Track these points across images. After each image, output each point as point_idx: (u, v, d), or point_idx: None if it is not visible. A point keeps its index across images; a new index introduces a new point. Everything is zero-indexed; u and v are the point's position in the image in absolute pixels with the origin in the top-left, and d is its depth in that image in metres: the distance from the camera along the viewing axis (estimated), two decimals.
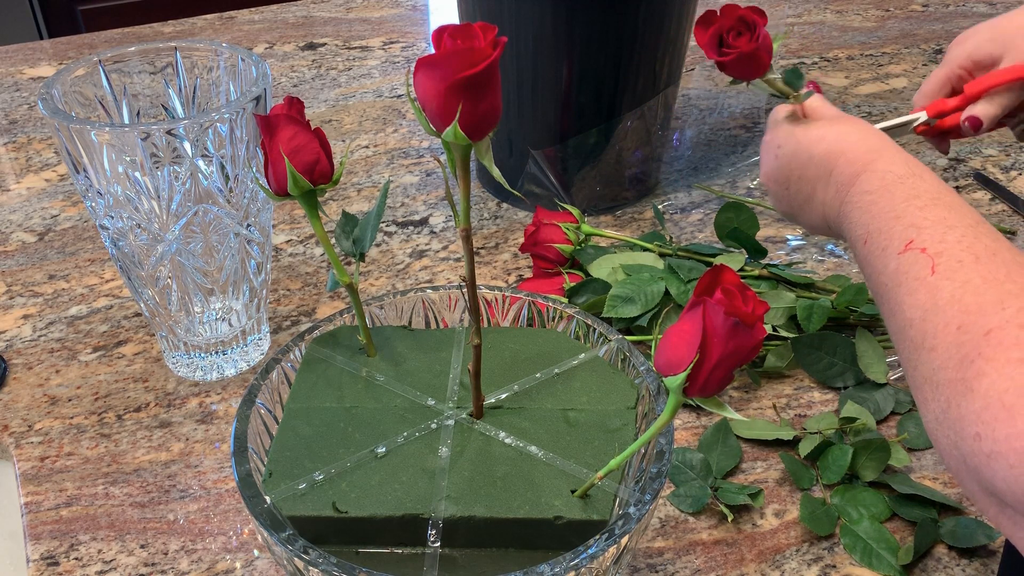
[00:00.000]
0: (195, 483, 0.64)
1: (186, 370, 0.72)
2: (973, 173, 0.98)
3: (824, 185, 0.57)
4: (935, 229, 0.46)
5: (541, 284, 0.79)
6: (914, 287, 0.44)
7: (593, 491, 0.46)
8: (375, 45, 1.30)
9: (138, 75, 0.67)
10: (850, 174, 0.55)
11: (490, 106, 0.42)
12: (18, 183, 0.99)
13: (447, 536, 0.45)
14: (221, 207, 0.63)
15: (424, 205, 0.95)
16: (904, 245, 0.47)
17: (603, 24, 0.82)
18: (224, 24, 1.37)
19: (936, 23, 1.36)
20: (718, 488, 0.62)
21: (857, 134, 0.57)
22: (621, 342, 0.54)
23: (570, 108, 0.87)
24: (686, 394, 0.42)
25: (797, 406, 0.70)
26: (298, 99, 0.49)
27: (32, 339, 0.77)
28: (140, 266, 0.65)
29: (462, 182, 0.44)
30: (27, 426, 0.69)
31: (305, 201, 0.51)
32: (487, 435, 0.50)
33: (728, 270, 0.41)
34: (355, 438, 0.50)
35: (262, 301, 0.72)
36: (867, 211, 0.52)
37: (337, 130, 1.09)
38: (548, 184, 0.90)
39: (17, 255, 0.88)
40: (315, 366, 0.54)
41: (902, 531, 0.60)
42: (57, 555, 0.59)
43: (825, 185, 0.57)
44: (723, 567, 0.58)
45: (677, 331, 0.42)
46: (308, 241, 0.89)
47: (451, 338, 0.57)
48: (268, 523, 0.43)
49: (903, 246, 0.47)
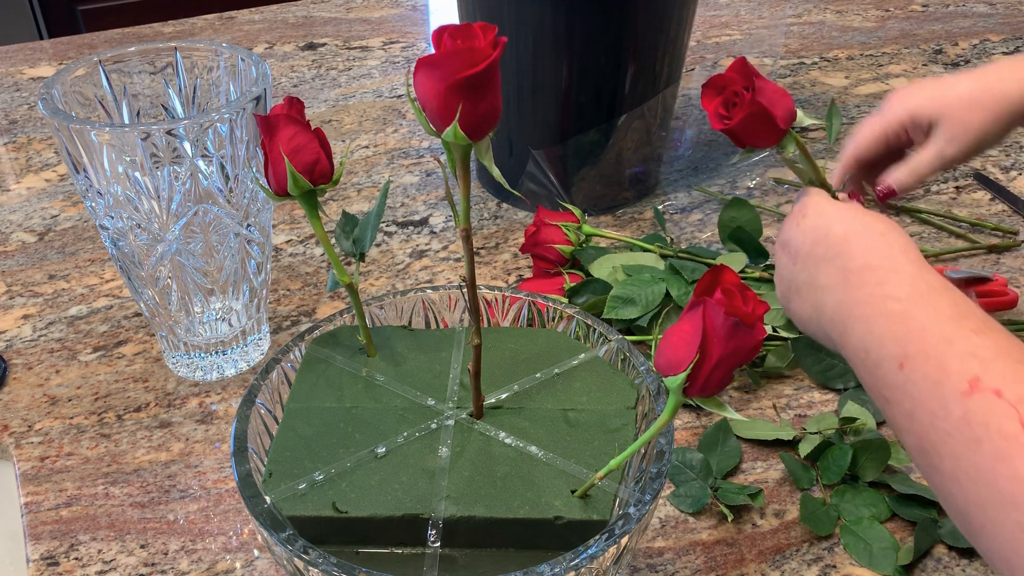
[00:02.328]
0: (195, 483, 0.64)
1: (186, 370, 0.72)
2: (973, 173, 0.98)
3: (829, 268, 0.48)
4: (1003, 365, 0.38)
5: (541, 284, 0.79)
6: (1003, 450, 0.35)
7: (593, 491, 0.46)
8: (375, 45, 1.30)
9: (138, 75, 0.67)
10: (864, 265, 0.46)
11: (490, 106, 0.42)
12: (18, 183, 0.99)
13: (447, 536, 0.45)
14: (221, 207, 0.63)
15: (424, 205, 0.95)
16: (969, 384, 0.38)
17: (603, 24, 0.82)
18: (224, 24, 1.37)
19: (936, 23, 1.36)
20: (718, 488, 0.62)
21: (884, 224, 0.48)
22: (621, 342, 0.54)
23: (570, 108, 0.87)
24: (686, 394, 0.42)
25: (797, 406, 0.70)
26: (298, 99, 0.49)
27: (32, 339, 0.77)
28: (140, 266, 0.65)
29: (462, 182, 0.44)
30: (27, 426, 0.69)
31: (305, 201, 0.51)
32: (487, 435, 0.50)
33: (728, 270, 0.41)
34: (355, 438, 0.50)
35: (262, 301, 0.72)
36: (900, 324, 0.42)
37: (337, 130, 1.09)
38: (548, 184, 0.90)
39: (17, 255, 0.88)
40: (315, 366, 0.54)
41: (902, 531, 0.60)
42: (57, 555, 0.59)
43: (830, 268, 0.48)
44: (723, 567, 0.58)
45: (677, 331, 0.42)
46: (308, 241, 0.89)
47: (451, 338, 0.57)
48: (268, 523, 0.43)
49: (967, 384, 0.38)
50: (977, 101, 0.61)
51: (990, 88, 0.61)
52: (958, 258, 0.86)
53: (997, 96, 0.61)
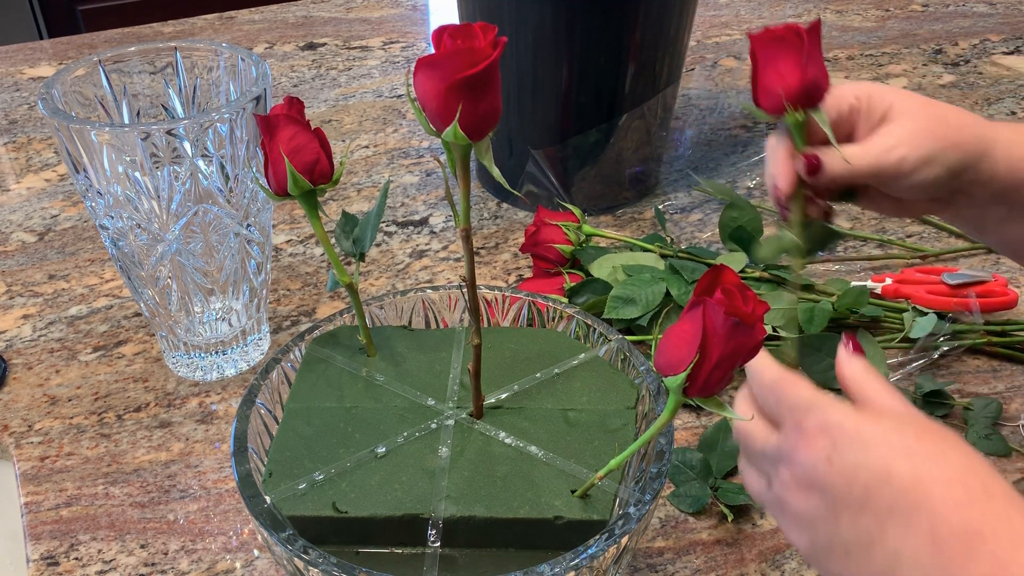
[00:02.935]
0: (195, 483, 0.64)
1: (186, 370, 0.72)
2: None
3: (902, 531, 0.36)
4: None
5: (541, 284, 0.79)
6: None
7: (593, 491, 0.46)
8: (375, 45, 1.30)
9: (138, 75, 0.67)
10: (963, 529, 0.34)
11: (490, 106, 0.42)
12: (18, 183, 0.99)
13: (447, 536, 0.45)
14: (221, 207, 0.63)
15: (424, 205, 0.95)
16: None
17: (603, 24, 0.82)
18: (224, 24, 1.37)
19: (936, 23, 1.36)
20: (718, 488, 0.62)
21: (960, 452, 0.37)
22: (621, 342, 0.54)
23: (570, 108, 0.87)
24: (686, 394, 0.42)
25: None
26: (298, 99, 0.49)
27: (32, 339, 0.77)
28: (140, 266, 0.65)
29: (462, 182, 0.44)
30: (27, 426, 0.69)
31: (305, 201, 0.51)
32: (487, 435, 0.50)
33: (728, 270, 0.41)
34: (355, 438, 0.50)
35: (262, 301, 0.72)
36: None
37: (337, 130, 1.09)
38: (548, 184, 0.90)
39: (17, 255, 0.88)
40: (315, 366, 0.54)
41: None
42: (57, 555, 0.59)
43: (905, 531, 0.36)
44: (723, 567, 0.58)
45: (677, 331, 0.42)
46: (308, 241, 0.89)
47: (451, 338, 0.57)
48: (268, 523, 0.43)
49: None
50: (943, 119, 0.52)
51: (948, 116, 0.52)
52: (958, 258, 0.86)
53: (955, 127, 0.52)
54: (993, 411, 0.67)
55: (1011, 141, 0.51)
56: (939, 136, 0.51)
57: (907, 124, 0.51)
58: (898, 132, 0.51)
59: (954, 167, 0.51)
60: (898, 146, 0.51)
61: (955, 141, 0.51)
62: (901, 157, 0.51)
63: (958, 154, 0.51)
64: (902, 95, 0.52)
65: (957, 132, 0.51)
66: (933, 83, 1.18)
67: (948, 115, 0.52)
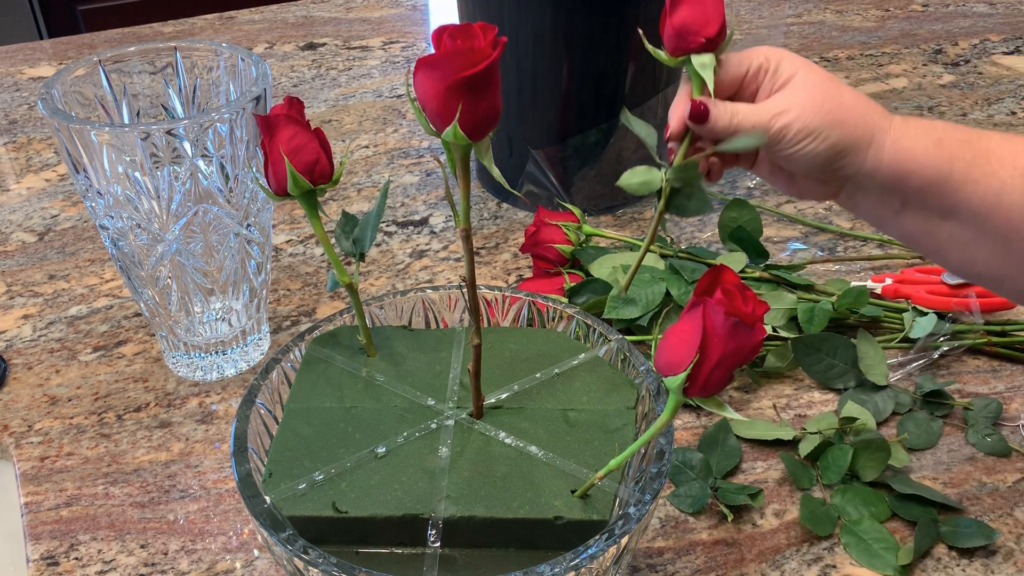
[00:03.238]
0: (195, 483, 0.64)
1: (186, 370, 0.72)
2: None
3: None
4: None
5: (541, 284, 0.79)
6: None
7: (593, 491, 0.46)
8: (375, 45, 1.30)
9: (138, 75, 0.67)
10: None
11: (490, 106, 0.42)
12: (18, 183, 0.99)
13: (447, 536, 0.45)
14: (221, 207, 0.63)
15: (424, 205, 0.95)
16: None
17: (603, 24, 0.82)
18: (224, 24, 1.37)
19: (936, 23, 1.36)
20: (718, 488, 0.62)
21: None
22: (621, 342, 0.54)
23: (570, 108, 0.87)
24: (686, 394, 0.42)
25: (797, 406, 0.70)
26: (298, 99, 0.49)
27: (32, 339, 0.77)
28: (140, 266, 0.65)
29: (462, 182, 0.44)
30: (27, 426, 0.69)
31: (305, 201, 0.51)
32: (487, 435, 0.50)
33: (728, 270, 0.41)
34: (355, 438, 0.50)
35: (262, 301, 0.72)
36: None
37: (337, 130, 1.09)
38: (548, 184, 0.90)
39: (17, 255, 0.88)
40: (315, 366, 0.54)
41: (902, 531, 0.60)
42: (57, 555, 0.59)
43: None
44: (723, 567, 0.58)
45: (677, 331, 0.42)
46: (308, 241, 0.89)
47: (451, 338, 0.57)
48: (268, 523, 0.43)
49: None
50: (838, 97, 0.51)
51: (844, 96, 0.52)
52: None
53: (848, 107, 0.51)
54: (993, 411, 0.67)
55: (902, 132, 0.51)
56: (827, 112, 0.50)
57: (801, 95, 0.51)
58: (789, 99, 0.51)
59: (837, 146, 0.51)
60: (785, 112, 0.51)
61: (842, 120, 0.51)
62: (785, 124, 0.51)
63: (842, 134, 0.51)
64: (809, 68, 0.52)
65: (847, 112, 0.51)
66: (933, 83, 1.18)
67: (844, 95, 0.51)
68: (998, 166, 0.48)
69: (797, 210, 0.93)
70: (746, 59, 0.53)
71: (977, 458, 0.65)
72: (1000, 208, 0.48)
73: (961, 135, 0.50)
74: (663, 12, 0.52)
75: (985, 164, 0.49)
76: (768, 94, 0.53)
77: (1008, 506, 0.61)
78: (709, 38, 0.51)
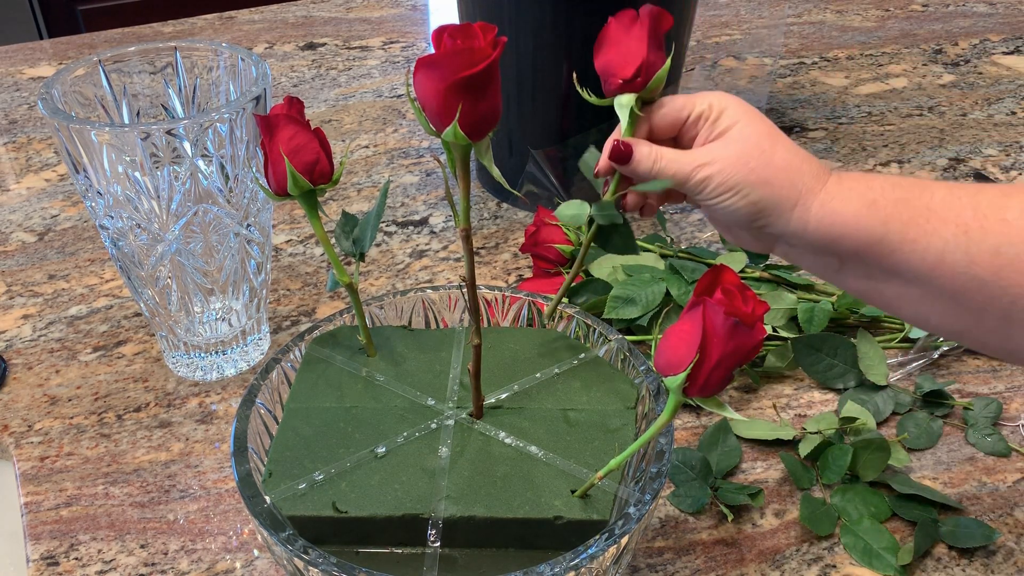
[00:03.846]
0: (195, 483, 0.64)
1: (186, 370, 0.72)
2: (973, 173, 0.98)
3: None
4: None
5: (541, 284, 0.79)
6: None
7: (593, 491, 0.46)
8: (375, 45, 1.30)
9: (138, 75, 0.67)
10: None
11: (490, 106, 0.42)
12: (18, 183, 0.99)
13: (447, 536, 0.45)
14: (221, 207, 0.63)
15: (424, 205, 0.95)
16: None
17: (603, 24, 0.81)
18: (224, 24, 1.37)
19: (936, 23, 1.36)
20: (718, 488, 0.62)
21: None
22: (621, 342, 0.54)
23: (570, 108, 0.87)
24: (686, 394, 0.42)
25: (797, 406, 0.70)
26: (298, 99, 0.49)
27: (32, 339, 0.77)
28: (140, 266, 0.65)
29: (462, 182, 0.44)
30: (27, 426, 0.69)
31: (305, 201, 0.51)
32: (487, 435, 0.50)
33: (728, 270, 0.41)
34: (355, 438, 0.50)
35: (262, 301, 0.72)
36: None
37: (337, 130, 1.09)
38: (548, 184, 0.90)
39: (17, 255, 0.88)
40: (315, 366, 0.54)
41: (902, 531, 0.60)
42: (57, 555, 0.59)
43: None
44: (723, 567, 0.58)
45: (677, 331, 0.42)
46: (308, 241, 0.89)
47: (451, 338, 0.57)
48: (268, 523, 0.43)
49: None
50: (768, 155, 0.49)
51: (776, 154, 0.49)
52: None
53: (777, 167, 0.49)
54: (993, 411, 0.67)
55: (833, 194, 0.48)
56: (751, 169, 0.49)
57: (730, 148, 0.50)
58: (717, 152, 0.50)
59: (758, 204, 0.49)
60: (708, 165, 0.50)
61: (767, 180, 0.49)
62: (706, 176, 0.50)
63: (765, 193, 0.49)
64: (750, 120, 0.50)
65: (774, 172, 0.49)
66: (933, 83, 1.18)
67: (777, 154, 0.49)
68: (939, 224, 0.46)
69: None
70: (689, 104, 0.52)
71: (977, 458, 0.65)
72: (943, 267, 0.46)
73: (900, 193, 0.47)
74: (596, 49, 0.52)
75: (924, 223, 0.46)
76: (704, 142, 0.51)
77: (1008, 506, 0.61)
78: (625, 79, 0.50)
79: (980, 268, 0.44)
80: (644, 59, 0.50)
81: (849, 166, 1.00)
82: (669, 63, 0.51)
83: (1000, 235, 0.44)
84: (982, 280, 0.44)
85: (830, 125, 1.08)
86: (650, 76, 0.50)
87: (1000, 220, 0.44)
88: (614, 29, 0.51)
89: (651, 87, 0.51)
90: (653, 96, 0.52)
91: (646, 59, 0.50)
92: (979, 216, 0.45)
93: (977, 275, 0.45)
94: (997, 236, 0.44)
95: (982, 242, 0.44)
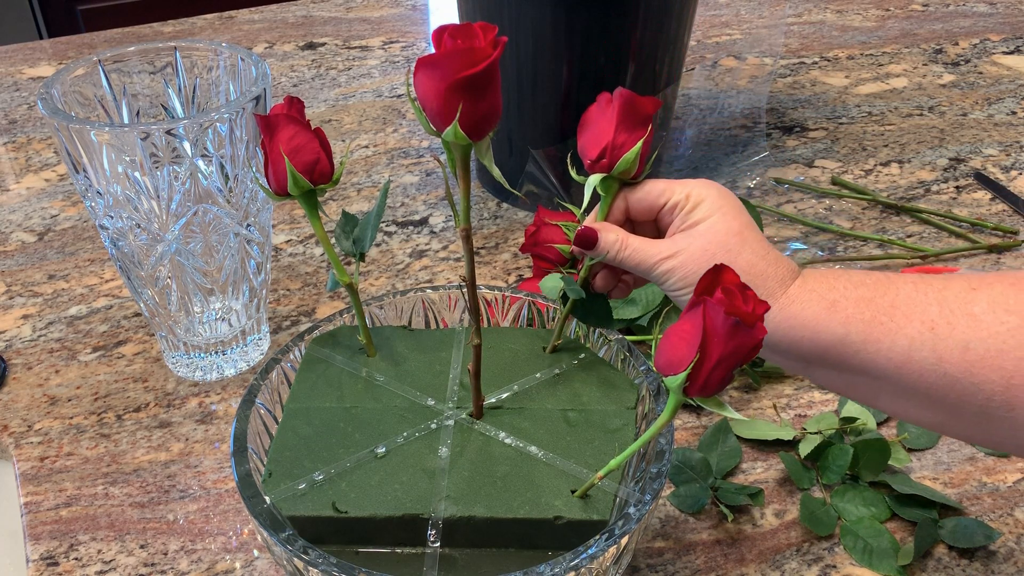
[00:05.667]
0: (195, 483, 0.64)
1: (186, 370, 0.72)
2: (973, 173, 0.98)
3: None
4: None
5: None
6: None
7: (593, 491, 0.46)
8: (375, 45, 1.30)
9: (138, 75, 0.67)
10: None
11: (490, 106, 0.42)
12: (18, 183, 0.99)
13: (447, 536, 0.45)
14: (221, 207, 0.63)
15: (424, 205, 0.95)
16: None
17: (603, 24, 0.82)
18: (224, 24, 1.37)
19: (936, 23, 1.36)
20: (718, 488, 0.62)
21: None
22: (621, 342, 0.54)
23: (570, 108, 0.87)
24: (686, 394, 0.42)
25: (797, 406, 0.70)
26: (298, 99, 0.49)
27: (32, 339, 0.77)
28: (140, 266, 0.65)
29: (462, 182, 0.44)
30: (27, 426, 0.69)
31: (305, 201, 0.51)
32: (487, 435, 0.50)
33: (728, 270, 0.41)
34: (355, 438, 0.50)
35: (262, 301, 0.72)
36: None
37: (337, 130, 1.09)
38: (548, 184, 0.90)
39: (17, 255, 0.88)
40: (315, 366, 0.54)
41: (902, 531, 0.60)
42: (57, 555, 0.59)
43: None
44: (723, 567, 0.58)
45: (677, 331, 0.42)
46: (308, 241, 0.89)
47: (451, 338, 0.57)
48: (268, 523, 0.43)
49: None
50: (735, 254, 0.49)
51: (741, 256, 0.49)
52: (958, 258, 0.86)
53: (740, 269, 0.47)
54: None
55: (793, 298, 0.47)
56: None
57: (697, 242, 0.49)
58: (683, 245, 0.50)
59: None
60: (672, 258, 0.50)
61: None
62: (668, 269, 0.50)
63: None
64: (724, 216, 0.50)
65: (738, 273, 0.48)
66: (933, 83, 1.18)
67: (744, 255, 0.49)
68: (904, 322, 0.44)
69: (797, 210, 0.93)
70: (668, 191, 0.51)
71: (977, 458, 0.65)
72: (911, 365, 0.44)
73: (863, 292, 0.46)
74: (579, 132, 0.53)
75: (888, 322, 0.45)
76: (675, 232, 0.51)
77: (1008, 506, 0.61)
78: (592, 160, 0.51)
79: (950, 365, 0.43)
80: (610, 141, 0.50)
81: (849, 166, 1.00)
82: (639, 146, 0.50)
83: (968, 330, 0.43)
84: (953, 377, 0.43)
85: (830, 125, 1.08)
86: (616, 158, 0.50)
87: (967, 315, 0.43)
88: (593, 110, 0.51)
89: (620, 168, 0.50)
90: (626, 178, 0.52)
91: (612, 141, 0.50)
92: (945, 312, 0.44)
93: (948, 372, 0.43)
94: (965, 331, 0.43)
95: (949, 338, 0.43)
